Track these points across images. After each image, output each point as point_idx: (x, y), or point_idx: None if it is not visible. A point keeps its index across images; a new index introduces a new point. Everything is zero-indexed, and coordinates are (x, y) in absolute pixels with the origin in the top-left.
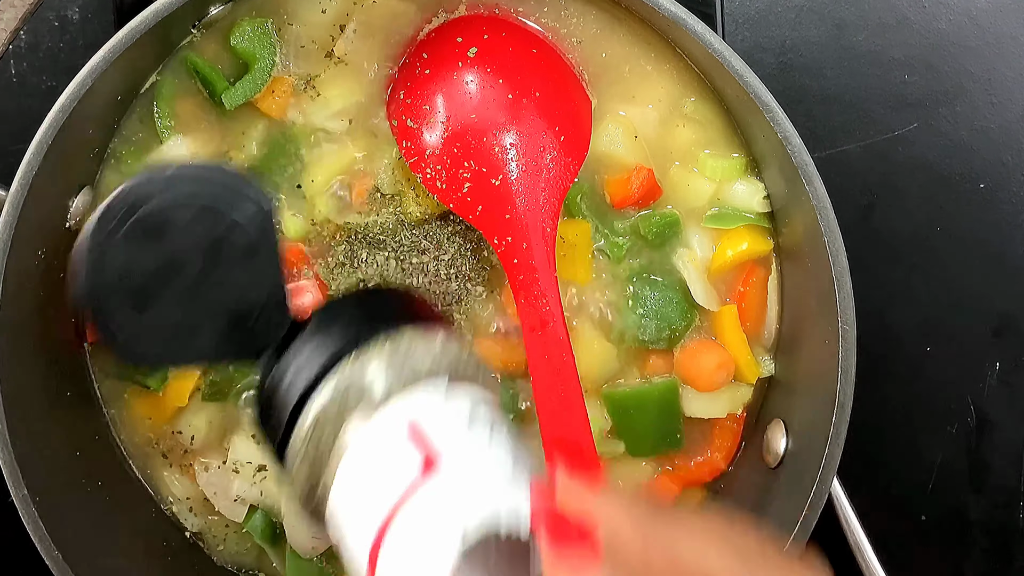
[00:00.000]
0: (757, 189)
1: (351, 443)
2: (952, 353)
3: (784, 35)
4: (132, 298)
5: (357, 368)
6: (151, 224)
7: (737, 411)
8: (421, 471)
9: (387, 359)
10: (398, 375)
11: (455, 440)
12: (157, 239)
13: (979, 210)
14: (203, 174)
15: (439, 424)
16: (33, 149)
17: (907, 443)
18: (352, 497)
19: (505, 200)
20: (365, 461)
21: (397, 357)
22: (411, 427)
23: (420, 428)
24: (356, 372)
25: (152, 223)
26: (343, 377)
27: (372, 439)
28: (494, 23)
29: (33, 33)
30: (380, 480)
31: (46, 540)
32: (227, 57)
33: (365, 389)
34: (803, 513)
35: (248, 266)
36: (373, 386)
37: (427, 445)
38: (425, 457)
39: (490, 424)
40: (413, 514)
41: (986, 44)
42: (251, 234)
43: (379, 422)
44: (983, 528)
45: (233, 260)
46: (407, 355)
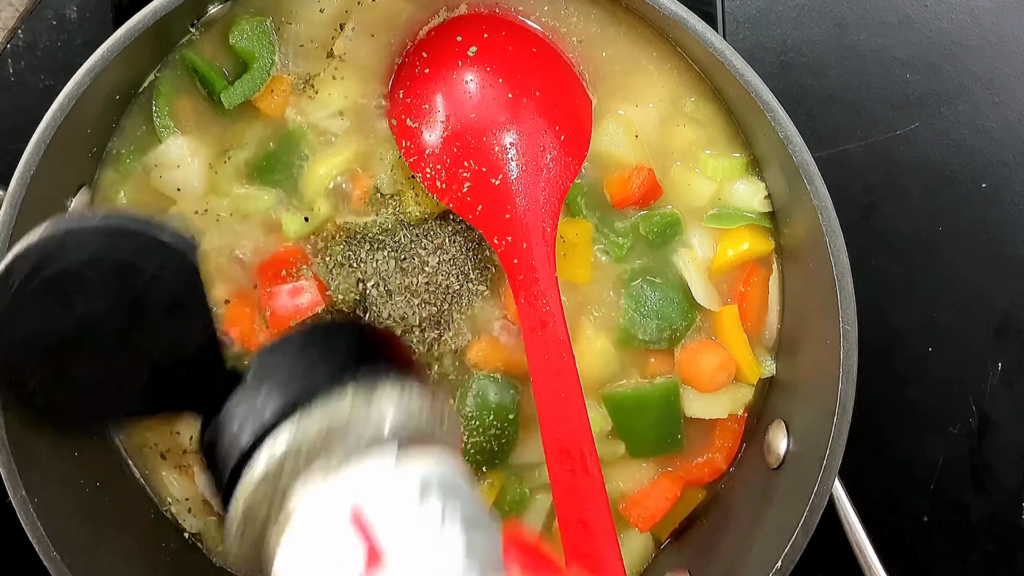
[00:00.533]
0: (758, 189)
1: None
2: (954, 353)
3: (785, 34)
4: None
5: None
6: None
7: (738, 411)
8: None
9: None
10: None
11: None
12: (68, 299)
13: (981, 209)
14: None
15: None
16: (31, 148)
17: (909, 444)
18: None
19: (505, 200)
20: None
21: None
22: (354, 513)
23: (363, 516)
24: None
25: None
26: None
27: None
28: (494, 22)
29: (31, 32)
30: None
31: (44, 541)
32: (226, 56)
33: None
34: (804, 514)
35: (174, 319)
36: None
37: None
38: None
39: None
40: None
41: (988, 43)
42: (174, 286)
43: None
44: (985, 529)
45: (156, 315)
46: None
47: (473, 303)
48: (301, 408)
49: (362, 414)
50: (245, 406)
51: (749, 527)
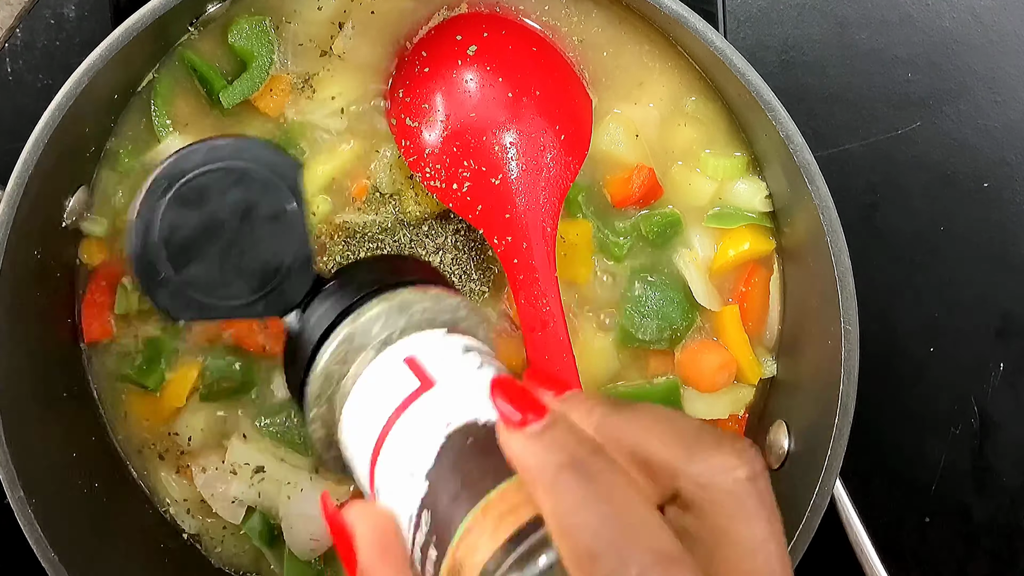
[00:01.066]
0: (759, 188)
1: (359, 375)
2: (956, 354)
3: (786, 33)
4: (174, 258)
5: (370, 315)
6: (194, 191)
7: (739, 412)
8: (416, 390)
9: (397, 309)
10: (403, 324)
11: (447, 367)
12: (199, 205)
13: (983, 209)
14: (241, 145)
15: (434, 355)
16: (29, 148)
17: (910, 444)
18: (358, 416)
19: (505, 199)
20: (370, 387)
21: (406, 307)
22: (409, 360)
23: (417, 360)
24: (368, 318)
25: (195, 190)
26: (357, 323)
27: (375, 373)
28: (494, 21)
29: (29, 31)
30: (381, 400)
31: (42, 542)
32: (225, 55)
33: (376, 333)
34: (806, 515)
35: (277, 228)
36: (383, 331)
37: (422, 373)
38: (421, 382)
39: (481, 357)
40: (406, 421)
41: (990, 42)
42: (280, 199)
43: (383, 357)
44: (987, 530)
45: (263, 222)
46: (413, 307)
47: (473, 303)
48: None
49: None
50: (327, 303)
51: None
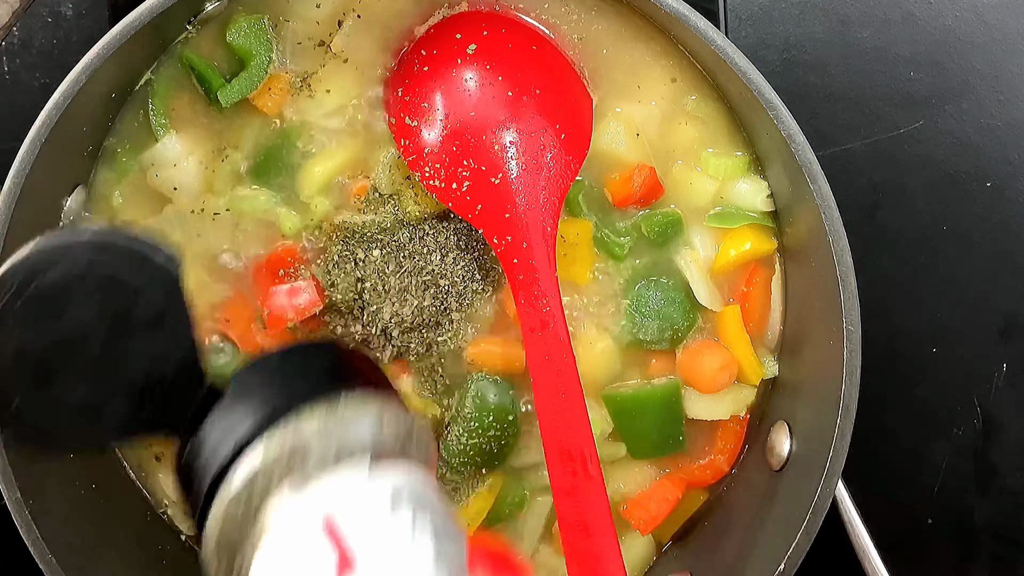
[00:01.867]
0: (760, 188)
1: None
2: (958, 354)
3: (788, 31)
4: (31, 378)
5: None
6: (47, 299)
7: (740, 413)
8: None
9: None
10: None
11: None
12: (55, 314)
13: (986, 209)
14: (101, 240)
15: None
16: (26, 147)
17: (913, 445)
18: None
19: (505, 199)
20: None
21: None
22: (327, 522)
23: (335, 524)
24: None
25: (48, 298)
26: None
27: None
28: (494, 19)
29: (26, 30)
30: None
31: (39, 544)
32: (223, 54)
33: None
34: (807, 516)
35: (156, 335)
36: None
37: (342, 544)
38: (340, 556)
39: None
40: None
41: (993, 41)
42: (157, 302)
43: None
44: (990, 532)
45: (139, 330)
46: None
47: (473, 303)
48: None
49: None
50: (223, 424)
51: (751, 529)
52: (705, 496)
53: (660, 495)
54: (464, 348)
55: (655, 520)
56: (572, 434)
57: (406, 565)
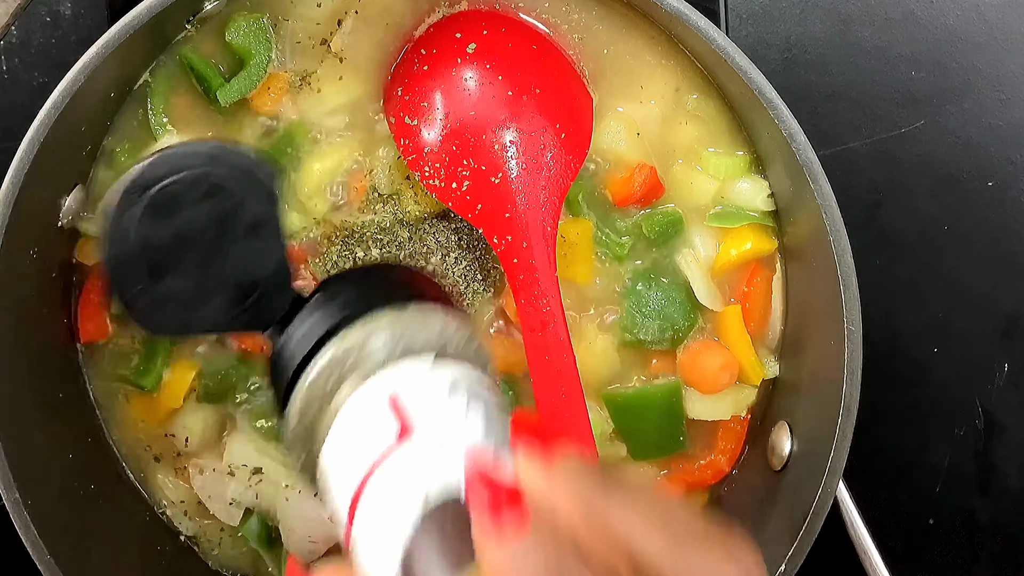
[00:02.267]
0: (761, 187)
1: (340, 409)
2: (960, 354)
3: (789, 31)
4: (149, 269)
5: (354, 338)
6: (166, 200)
7: (741, 413)
8: (396, 438)
9: (386, 330)
10: (393, 347)
11: (431, 411)
12: (172, 214)
13: (987, 208)
14: (215, 152)
15: (418, 396)
16: (25, 147)
17: (914, 446)
18: (337, 459)
19: (505, 199)
20: (350, 427)
21: (396, 329)
22: (391, 399)
23: (399, 400)
24: (353, 342)
25: (167, 199)
26: (340, 346)
27: (358, 407)
28: (494, 19)
29: (25, 29)
30: (361, 444)
31: (38, 544)
32: (222, 53)
33: (360, 358)
34: (808, 517)
35: (254, 241)
36: (367, 356)
37: (404, 416)
38: (401, 426)
39: (468, 395)
40: (385, 476)
41: (994, 40)
42: (257, 210)
43: (365, 392)
44: (992, 532)
45: (240, 235)
46: (404, 328)
47: (473, 303)
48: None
49: (403, 331)
50: (307, 324)
51: (752, 530)
52: (706, 497)
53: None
54: None
55: None
56: (572, 435)
57: (458, 436)
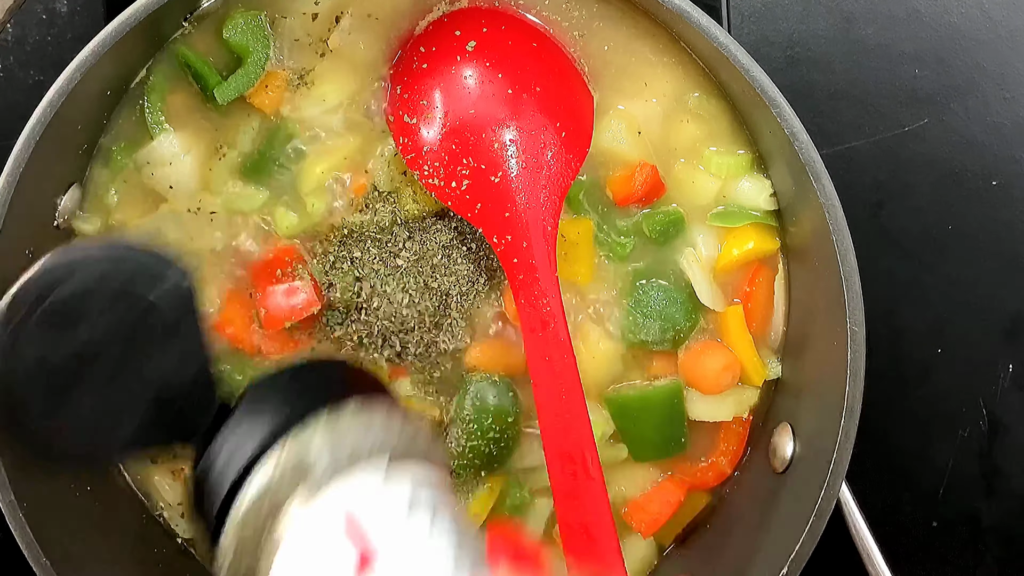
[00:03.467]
0: (763, 186)
1: (287, 534)
2: (964, 355)
3: (791, 28)
4: (47, 390)
5: (294, 449)
6: (62, 311)
7: (743, 414)
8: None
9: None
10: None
11: (393, 533)
12: (70, 327)
13: (991, 208)
14: (115, 254)
15: (376, 515)
16: (20, 146)
17: (917, 447)
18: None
19: (505, 198)
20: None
21: (337, 435)
22: (348, 520)
23: (356, 521)
24: (293, 453)
25: (63, 310)
26: (279, 459)
27: (308, 531)
28: (493, 16)
29: (20, 26)
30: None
31: (34, 547)
32: (219, 51)
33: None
34: (811, 519)
35: (170, 348)
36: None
37: (363, 540)
38: (361, 554)
39: (432, 509)
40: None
41: (999, 38)
42: (171, 315)
43: (315, 512)
44: (996, 535)
45: (153, 343)
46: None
47: (472, 303)
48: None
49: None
50: (234, 438)
51: (754, 533)
52: (707, 499)
53: (662, 497)
54: (463, 349)
55: (657, 523)
56: (573, 436)
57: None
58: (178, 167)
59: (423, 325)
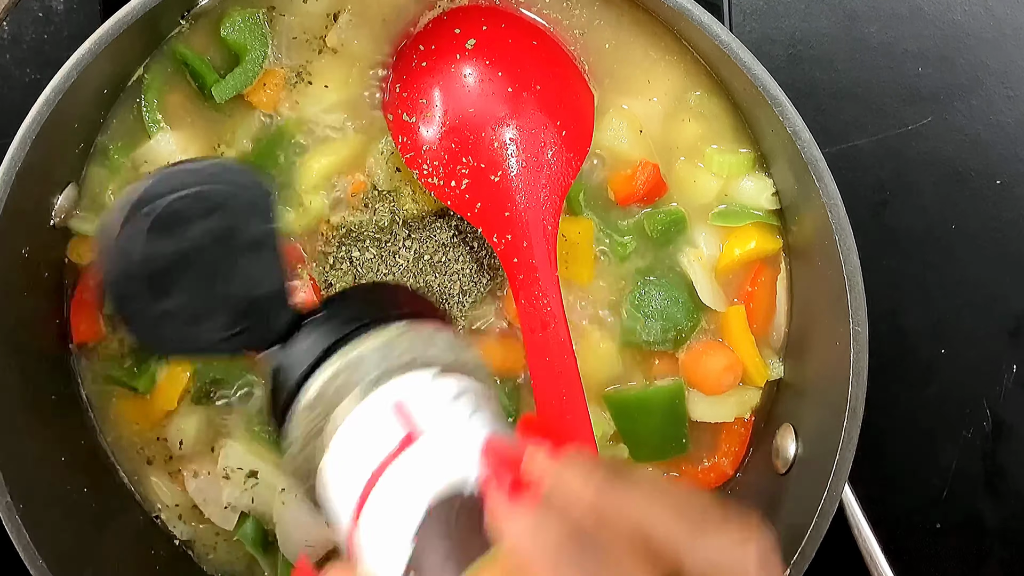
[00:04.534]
0: (765, 185)
1: (343, 419)
2: (967, 355)
3: (794, 26)
4: (151, 286)
5: (355, 354)
6: (169, 217)
7: (745, 415)
8: (403, 442)
9: (385, 347)
10: (394, 362)
11: (436, 415)
12: (173, 232)
13: (995, 207)
14: (216, 170)
15: (423, 402)
16: (16, 144)
17: (921, 448)
18: (340, 466)
19: (504, 197)
20: (355, 434)
21: (395, 346)
22: (397, 405)
23: (406, 407)
24: (354, 357)
25: (170, 216)
26: (342, 361)
27: (362, 415)
28: (493, 14)
29: (16, 24)
30: (366, 449)
31: (30, 549)
32: (217, 49)
33: (361, 373)
34: (813, 521)
35: (253, 260)
36: (369, 371)
37: (411, 422)
38: (408, 432)
39: (473, 404)
40: (392, 477)
41: (1003, 36)
42: (256, 229)
43: (369, 402)
44: (1000, 536)
45: (240, 253)
46: (404, 344)
47: (472, 304)
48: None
49: (415, 342)
50: (311, 338)
51: None
52: None
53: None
54: None
55: None
56: (573, 437)
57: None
58: None
59: None
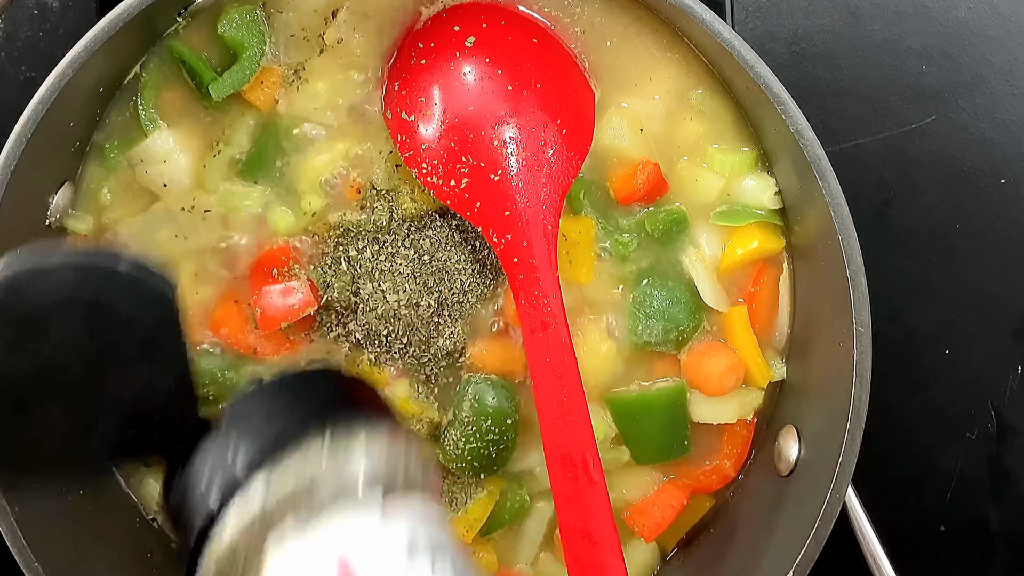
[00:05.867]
0: (768, 185)
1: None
2: (972, 356)
3: (797, 24)
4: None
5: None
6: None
7: (747, 416)
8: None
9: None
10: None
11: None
12: (36, 340)
13: (1000, 206)
14: (88, 263)
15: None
16: (11, 143)
17: (925, 450)
18: None
19: (504, 196)
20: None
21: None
22: (341, 566)
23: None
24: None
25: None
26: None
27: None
28: (493, 11)
29: (12, 22)
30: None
31: (25, 551)
32: (214, 46)
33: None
34: (816, 523)
35: (147, 361)
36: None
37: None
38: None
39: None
40: None
41: (1007, 33)
42: (149, 326)
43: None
44: (1004, 539)
45: (129, 356)
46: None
47: (471, 304)
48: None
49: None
50: (215, 458)
51: (758, 537)
52: (711, 502)
53: (664, 501)
54: (462, 350)
55: (659, 527)
56: (574, 438)
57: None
58: (172, 165)
59: (421, 326)
